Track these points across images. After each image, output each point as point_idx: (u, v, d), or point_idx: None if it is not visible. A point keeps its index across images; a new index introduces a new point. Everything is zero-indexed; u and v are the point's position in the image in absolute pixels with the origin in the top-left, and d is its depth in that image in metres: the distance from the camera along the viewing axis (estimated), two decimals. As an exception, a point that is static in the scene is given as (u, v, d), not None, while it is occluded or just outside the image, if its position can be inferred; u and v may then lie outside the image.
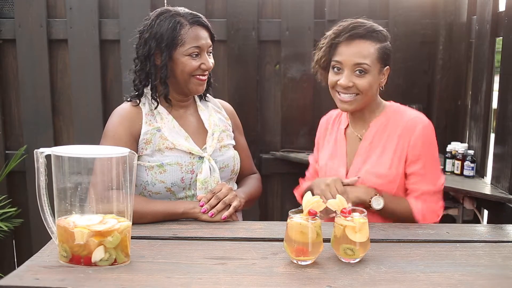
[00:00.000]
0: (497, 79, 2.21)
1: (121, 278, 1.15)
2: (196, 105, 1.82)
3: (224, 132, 1.81)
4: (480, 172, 2.37)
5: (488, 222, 2.39)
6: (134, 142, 1.66)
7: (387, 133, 1.68)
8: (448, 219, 2.49)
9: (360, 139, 1.72)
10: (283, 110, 2.68)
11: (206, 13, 2.51)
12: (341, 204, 1.29)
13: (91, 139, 2.42)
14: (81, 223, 1.20)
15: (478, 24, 2.39)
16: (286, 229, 1.27)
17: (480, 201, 2.24)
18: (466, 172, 2.34)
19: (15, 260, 2.76)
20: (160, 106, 1.72)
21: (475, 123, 2.41)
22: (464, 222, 2.37)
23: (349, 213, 1.27)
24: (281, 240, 1.31)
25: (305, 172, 1.97)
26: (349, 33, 1.62)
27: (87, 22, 2.57)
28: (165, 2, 2.53)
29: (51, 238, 1.31)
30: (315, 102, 2.65)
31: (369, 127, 1.71)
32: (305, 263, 1.25)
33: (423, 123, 1.65)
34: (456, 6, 2.57)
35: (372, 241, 1.34)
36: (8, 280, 1.14)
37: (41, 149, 1.24)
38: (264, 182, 2.03)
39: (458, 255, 1.32)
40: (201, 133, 1.75)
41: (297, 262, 1.25)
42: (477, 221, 2.39)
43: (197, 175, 1.67)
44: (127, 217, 1.27)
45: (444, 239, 1.45)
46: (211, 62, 1.69)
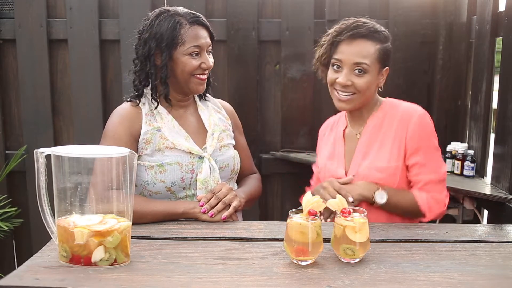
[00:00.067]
0: (497, 79, 2.21)
1: (121, 278, 1.15)
2: (196, 104, 1.82)
3: (224, 131, 1.81)
4: (480, 172, 2.37)
5: (488, 222, 2.39)
6: (134, 142, 1.66)
7: (384, 127, 1.69)
8: (448, 219, 2.49)
9: (358, 137, 1.73)
10: (283, 110, 2.68)
11: (206, 13, 2.51)
12: (341, 204, 1.29)
13: (91, 139, 2.42)
14: (81, 223, 1.20)
15: (478, 24, 2.40)
16: (286, 229, 1.27)
17: (480, 201, 2.24)
18: (466, 172, 2.34)
19: (15, 260, 2.76)
20: (160, 106, 1.72)
21: (475, 123, 2.41)
22: (464, 222, 2.37)
23: (349, 213, 1.27)
24: (281, 240, 1.31)
25: (305, 172, 1.97)
26: (351, 32, 1.63)
27: (87, 22, 2.56)
28: (165, 2, 2.53)
29: (51, 238, 1.31)
30: (315, 102, 2.65)
31: (366, 124, 1.72)
32: (305, 263, 1.25)
33: (418, 112, 1.67)
34: (456, 6, 2.57)
35: (372, 241, 1.34)
36: (8, 280, 1.14)
37: (41, 149, 1.24)
38: (264, 182, 2.03)
39: (458, 255, 1.32)
40: (201, 133, 1.75)
41: (297, 262, 1.25)
42: (477, 221, 2.39)
43: (197, 175, 1.67)
44: (127, 217, 1.27)
45: (444, 239, 1.45)
46: (211, 61, 1.69)
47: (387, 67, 1.69)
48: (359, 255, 1.26)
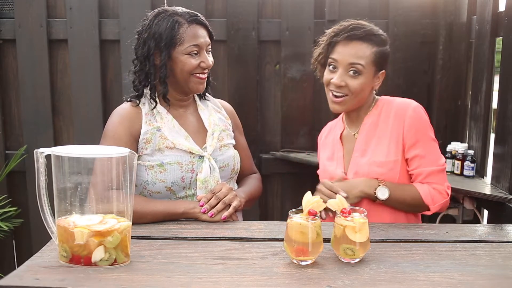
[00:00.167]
0: (497, 79, 2.21)
1: (121, 278, 1.15)
2: (196, 104, 1.82)
3: (224, 131, 1.81)
4: (480, 172, 2.37)
5: (488, 222, 2.39)
6: (134, 142, 1.66)
7: (380, 123, 1.71)
8: (448, 219, 2.49)
9: (356, 136, 1.74)
10: (283, 110, 2.68)
11: (206, 13, 2.51)
12: (341, 204, 1.29)
13: (91, 139, 2.42)
14: (81, 223, 1.20)
15: (478, 24, 2.40)
16: (286, 229, 1.27)
17: (480, 201, 2.24)
18: (466, 172, 2.34)
19: (15, 260, 2.76)
20: (159, 106, 1.72)
21: (475, 123, 2.41)
22: (464, 222, 2.37)
23: (349, 213, 1.28)
24: (281, 240, 1.31)
25: (305, 172, 1.96)
26: (347, 33, 1.65)
27: (87, 22, 2.56)
28: (165, 2, 2.53)
29: (51, 238, 1.31)
30: (315, 102, 2.65)
31: (363, 122, 1.73)
32: (305, 263, 1.25)
33: (412, 105, 1.68)
34: (456, 6, 2.57)
35: (372, 241, 1.34)
36: (8, 280, 1.14)
37: (41, 149, 1.24)
38: (264, 182, 2.03)
39: (458, 255, 1.32)
40: (201, 133, 1.76)
41: (297, 262, 1.25)
42: (477, 221, 2.39)
43: (197, 174, 1.67)
44: (127, 217, 1.27)
45: (444, 239, 1.45)
46: (210, 61, 1.69)
47: (383, 71, 1.70)
48: (359, 255, 1.26)
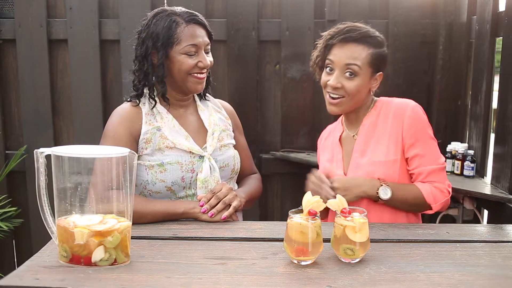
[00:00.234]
0: (497, 79, 2.21)
1: (121, 278, 1.15)
2: (196, 104, 1.82)
3: (224, 131, 1.81)
4: (480, 172, 2.37)
5: (488, 222, 2.39)
6: (134, 142, 1.66)
7: (379, 123, 1.71)
8: (448, 219, 2.49)
9: (355, 138, 1.75)
10: (283, 110, 2.68)
11: (206, 13, 2.51)
12: (341, 204, 1.29)
13: (91, 139, 2.42)
14: (81, 223, 1.20)
15: (478, 24, 2.40)
16: (286, 229, 1.27)
17: (480, 201, 2.24)
18: (466, 172, 2.34)
19: (15, 260, 2.76)
20: (159, 106, 1.72)
21: (475, 123, 2.41)
22: (464, 222, 2.37)
23: (349, 213, 1.28)
24: (281, 240, 1.31)
25: (305, 172, 1.96)
26: (343, 35, 1.66)
27: (87, 22, 2.56)
28: (165, 2, 2.53)
29: (51, 238, 1.31)
30: (315, 102, 2.65)
31: (362, 123, 1.74)
32: (305, 263, 1.25)
33: (411, 105, 1.69)
34: (456, 6, 2.57)
35: (372, 241, 1.34)
36: (8, 280, 1.14)
37: (41, 149, 1.24)
38: (264, 182, 2.03)
39: (458, 255, 1.32)
40: (201, 133, 1.76)
41: (297, 262, 1.25)
42: (477, 221, 2.39)
43: (197, 174, 1.67)
44: (127, 217, 1.27)
45: (444, 239, 1.45)
46: (208, 60, 1.69)
47: (381, 73, 1.71)
48: (359, 255, 1.26)
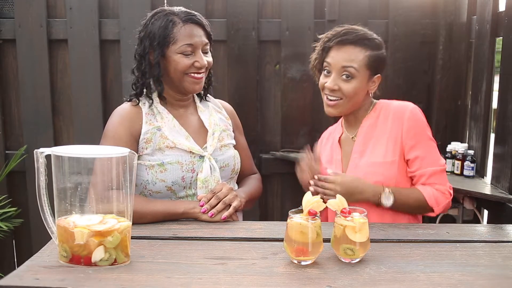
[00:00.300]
0: (497, 79, 2.21)
1: (121, 278, 1.15)
2: (196, 105, 1.82)
3: (225, 131, 1.81)
4: (480, 172, 2.37)
5: (488, 222, 2.39)
6: (134, 142, 1.66)
7: (378, 125, 1.72)
8: (448, 219, 2.49)
9: (354, 139, 1.75)
10: (283, 110, 2.68)
11: (206, 13, 2.51)
12: (341, 204, 1.30)
13: (91, 139, 2.42)
14: (81, 223, 1.20)
15: (478, 24, 2.40)
16: (286, 229, 1.27)
17: (480, 201, 2.24)
18: (466, 172, 2.34)
19: (15, 260, 2.76)
20: (160, 106, 1.72)
21: (475, 123, 2.41)
22: (464, 222, 2.37)
23: (349, 213, 1.28)
24: (281, 240, 1.31)
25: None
26: (340, 38, 1.68)
27: (87, 22, 2.56)
28: (165, 2, 2.53)
29: (51, 238, 1.31)
30: (315, 102, 2.65)
31: (361, 125, 1.75)
32: (305, 263, 1.25)
33: (410, 107, 1.70)
34: (456, 6, 2.57)
35: (372, 241, 1.34)
36: (8, 280, 1.14)
37: (41, 149, 1.24)
38: (264, 182, 2.03)
39: (458, 255, 1.32)
40: (201, 133, 1.76)
41: (297, 262, 1.25)
42: (477, 221, 2.39)
43: (197, 174, 1.67)
44: (127, 217, 1.27)
45: (444, 239, 1.45)
46: (205, 60, 1.68)
47: (379, 75, 1.71)
48: (359, 255, 1.26)
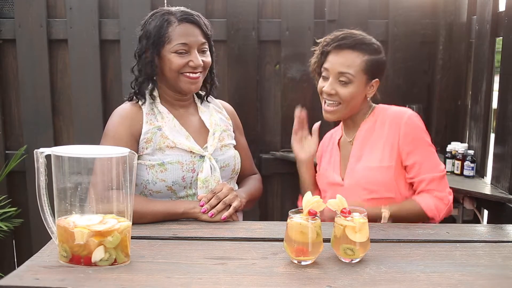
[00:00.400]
0: (497, 79, 2.21)
1: (121, 278, 1.15)
2: (197, 106, 1.82)
3: (225, 131, 1.81)
4: (480, 172, 2.37)
5: (488, 222, 2.39)
6: (134, 142, 1.66)
7: (375, 130, 1.72)
8: (448, 219, 2.48)
9: (352, 143, 1.77)
10: (283, 110, 2.67)
11: (206, 13, 2.51)
12: (341, 204, 1.29)
13: (91, 139, 2.42)
14: (81, 223, 1.20)
15: (478, 24, 2.39)
16: (286, 229, 1.27)
17: (480, 201, 2.24)
18: (466, 172, 2.34)
19: (15, 260, 2.76)
20: (160, 105, 1.72)
21: (475, 123, 2.41)
22: (464, 222, 2.37)
23: (349, 213, 1.28)
24: (281, 240, 1.31)
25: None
26: (337, 42, 1.69)
27: (87, 22, 2.56)
28: (165, 2, 2.53)
29: (51, 238, 1.31)
30: (315, 102, 2.64)
31: (359, 129, 1.76)
32: (305, 263, 1.25)
33: (408, 113, 1.70)
34: (456, 6, 2.57)
35: (372, 241, 1.34)
36: (8, 280, 1.14)
37: (41, 149, 1.24)
38: (264, 182, 2.03)
39: (458, 255, 1.33)
40: (202, 133, 1.76)
41: (297, 262, 1.25)
42: (477, 221, 2.39)
43: (198, 174, 1.67)
44: (127, 217, 1.27)
45: (444, 239, 1.45)
46: (200, 60, 1.67)
47: (377, 79, 1.72)
48: (359, 255, 1.26)
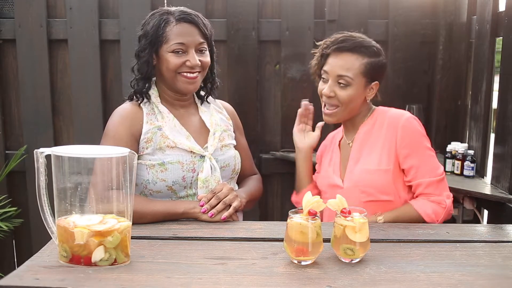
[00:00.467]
0: (497, 79, 2.21)
1: (121, 278, 1.15)
2: (197, 106, 1.82)
3: (226, 131, 1.81)
4: (480, 172, 2.37)
5: (488, 222, 2.39)
6: (135, 142, 1.66)
7: (374, 133, 1.73)
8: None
9: (351, 145, 1.77)
10: (283, 110, 2.67)
11: (206, 13, 2.51)
12: (341, 204, 1.30)
13: (91, 139, 2.42)
14: (81, 223, 1.20)
15: (478, 24, 2.39)
16: (286, 229, 1.27)
17: (480, 201, 2.24)
18: (466, 172, 2.34)
19: (15, 260, 2.76)
20: (161, 105, 1.72)
21: (475, 123, 2.41)
22: (464, 222, 2.37)
23: (349, 213, 1.28)
24: (281, 240, 1.31)
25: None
26: (337, 45, 1.69)
27: (87, 22, 2.56)
28: (165, 2, 2.53)
29: (51, 238, 1.31)
30: (315, 102, 2.64)
31: (358, 131, 1.76)
32: (305, 263, 1.25)
33: (405, 116, 1.71)
34: (456, 6, 2.57)
35: (372, 241, 1.34)
36: (8, 280, 1.14)
37: (41, 149, 1.24)
38: (264, 182, 2.03)
39: (458, 255, 1.33)
40: (202, 133, 1.76)
41: (297, 262, 1.25)
42: (477, 221, 2.39)
43: (198, 174, 1.67)
44: (127, 217, 1.27)
45: (444, 239, 1.46)
46: (197, 59, 1.66)
47: (376, 82, 1.72)
48: (359, 255, 1.26)
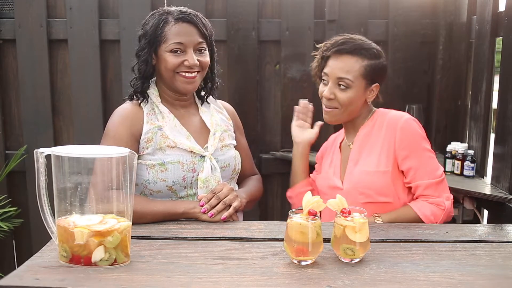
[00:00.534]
0: (497, 79, 2.21)
1: (121, 278, 1.15)
2: (197, 106, 1.82)
3: (226, 132, 1.81)
4: (480, 172, 2.37)
5: (488, 222, 2.39)
6: (135, 142, 1.66)
7: (373, 134, 1.73)
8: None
9: (351, 147, 1.77)
10: (283, 110, 2.67)
11: (206, 13, 2.51)
12: (341, 204, 1.30)
13: (91, 139, 2.42)
14: (81, 223, 1.20)
15: (478, 24, 2.39)
16: (286, 229, 1.27)
17: (480, 201, 2.24)
18: (466, 172, 2.34)
19: (15, 260, 2.76)
20: (161, 105, 1.73)
21: (475, 123, 2.41)
22: (464, 222, 2.37)
23: (349, 213, 1.28)
24: (281, 240, 1.31)
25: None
26: (336, 48, 1.70)
27: (87, 22, 2.56)
28: (165, 2, 2.53)
29: (51, 238, 1.31)
30: (315, 102, 2.64)
31: (358, 133, 1.77)
32: (305, 263, 1.25)
33: (404, 118, 1.71)
34: (456, 6, 2.57)
35: (372, 241, 1.34)
36: (8, 280, 1.14)
37: (41, 149, 1.24)
38: (264, 182, 2.04)
39: (458, 255, 1.33)
40: (203, 133, 1.76)
41: (297, 262, 1.25)
42: (477, 221, 2.39)
43: (198, 174, 1.67)
44: (127, 217, 1.27)
45: (444, 239, 1.46)
46: (196, 59, 1.66)
47: (377, 84, 1.73)
48: (359, 255, 1.26)
